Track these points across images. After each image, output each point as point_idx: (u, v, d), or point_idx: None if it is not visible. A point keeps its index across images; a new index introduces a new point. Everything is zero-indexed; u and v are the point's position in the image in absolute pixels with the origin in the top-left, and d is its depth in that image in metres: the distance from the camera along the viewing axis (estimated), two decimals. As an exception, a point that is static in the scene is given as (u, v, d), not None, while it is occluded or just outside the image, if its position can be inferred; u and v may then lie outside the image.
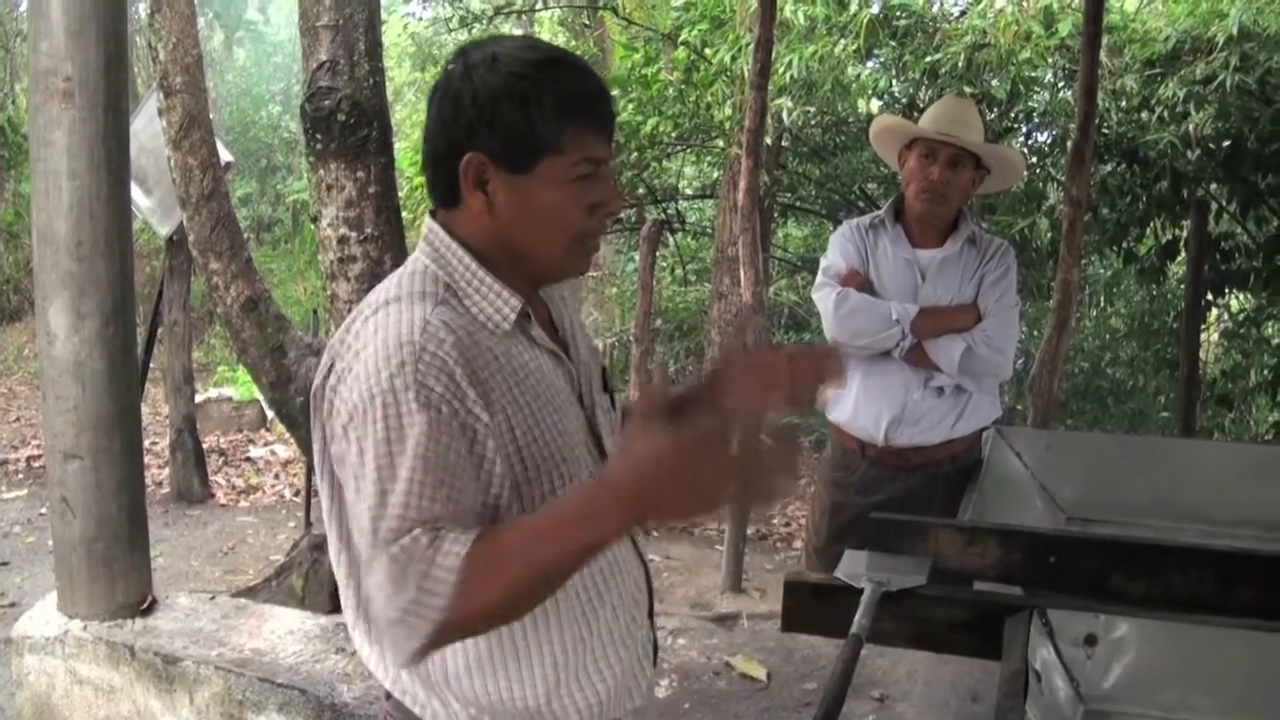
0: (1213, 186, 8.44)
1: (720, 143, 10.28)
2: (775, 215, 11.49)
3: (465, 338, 1.70)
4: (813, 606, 2.52)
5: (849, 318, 3.88)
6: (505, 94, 1.70)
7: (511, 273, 1.80)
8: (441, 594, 1.56)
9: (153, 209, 7.80)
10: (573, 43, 13.56)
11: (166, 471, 8.95)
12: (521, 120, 1.69)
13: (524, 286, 1.83)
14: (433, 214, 1.85)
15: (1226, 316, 9.87)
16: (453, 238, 1.80)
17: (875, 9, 8.69)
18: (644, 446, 1.53)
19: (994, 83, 8.63)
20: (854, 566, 2.61)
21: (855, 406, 3.99)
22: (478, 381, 1.67)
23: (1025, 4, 8.44)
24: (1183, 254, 8.22)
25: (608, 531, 1.59)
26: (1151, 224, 8.65)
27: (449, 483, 1.62)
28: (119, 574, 4.27)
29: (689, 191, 13.14)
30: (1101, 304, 11.54)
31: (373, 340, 1.68)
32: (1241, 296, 9.26)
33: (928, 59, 8.60)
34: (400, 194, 5.10)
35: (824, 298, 3.96)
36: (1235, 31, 7.26)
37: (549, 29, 16.04)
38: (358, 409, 1.64)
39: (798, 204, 12.17)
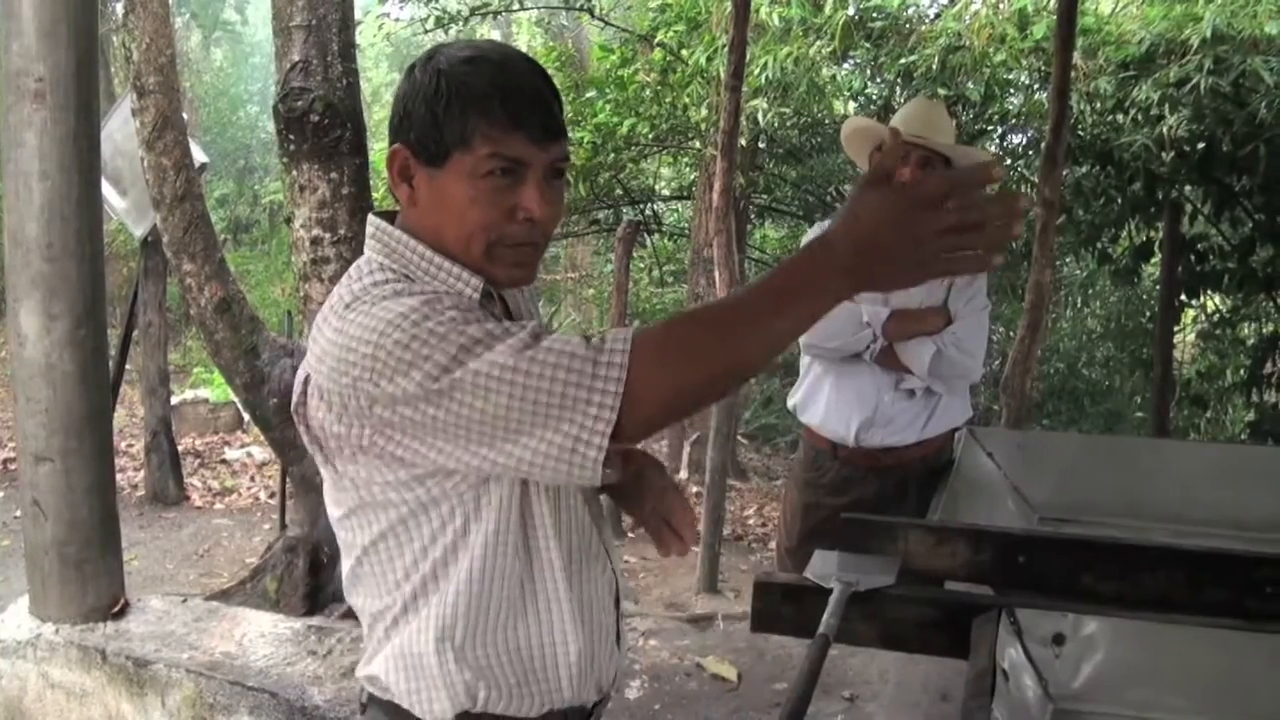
0: (1187, 188, 8.49)
1: (696, 144, 10.30)
2: (752, 216, 11.53)
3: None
4: (782, 607, 2.52)
5: (819, 320, 3.88)
6: (423, 90, 1.71)
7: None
8: (616, 374, 1.53)
9: (128, 210, 7.76)
10: (550, 44, 13.54)
11: (142, 474, 8.91)
12: (429, 113, 1.70)
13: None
14: (373, 213, 1.85)
15: (1202, 317, 9.92)
16: (402, 230, 1.80)
17: (850, 11, 8.71)
18: (865, 208, 1.46)
19: (969, 85, 8.67)
20: (824, 567, 2.62)
21: (826, 408, 4.00)
22: None
23: (1000, 6, 8.48)
24: (1157, 255, 8.26)
25: (827, 301, 1.52)
26: (1126, 226, 8.69)
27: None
28: (90, 577, 4.25)
29: (666, 193, 13.16)
30: (1078, 305, 11.60)
31: (354, 329, 1.65)
32: (1217, 298, 9.31)
33: (903, 61, 8.64)
34: (375, 195, 5.09)
35: (795, 300, 3.96)
36: (1209, 34, 7.31)
37: (526, 30, 16.05)
38: (396, 362, 1.60)
39: (774, 205, 12.21)
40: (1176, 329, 8.78)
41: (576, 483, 1.66)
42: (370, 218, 1.84)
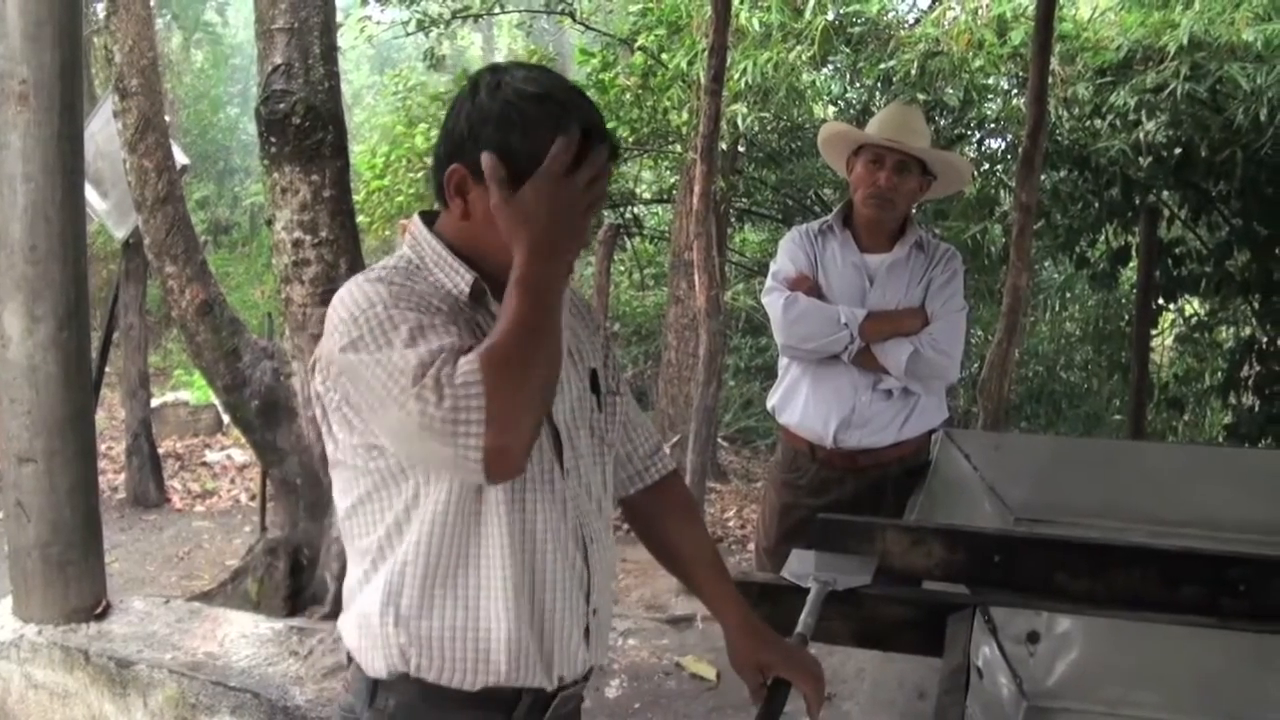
0: (1164, 193, 8.54)
1: (677, 148, 10.31)
2: (732, 220, 11.54)
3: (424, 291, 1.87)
4: (760, 607, 2.53)
5: (797, 322, 3.91)
6: (494, 118, 1.83)
7: (475, 267, 1.93)
8: (475, 391, 1.67)
9: (109, 212, 7.75)
10: (531, 47, 13.55)
11: (123, 476, 8.87)
12: (500, 144, 1.81)
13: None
14: (421, 215, 2.02)
15: (1180, 321, 9.97)
16: (431, 231, 1.97)
17: (830, 16, 8.73)
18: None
19: (947, 90, 8.70)
20: (801, 566, 2.65)
21: (804, 409, 4.02)
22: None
23: (979, 12, 8.51)
24: (1135, 259, 8.31)
25: (545, 291, 1.76)
26: (1103, 230, 8.74)
27: (446, 334, 1.76)
28: (73, 578, 4.26)
29: (646, 196, 13.17)
30: (1056, 309, 11.63)
31: (341, 302, 1.85)
32: (1195, 301, 9.37)
33: (882, 66, 8.67)
34: (356, 198, 5.10)
35: (773, 302, 3.99)
36: (1186, 41, 7.34)
37: (507, 33, 16.07)
38: (344, 332, 1.81)
39: (754, 209, 12.24)
40: (1154, 333, 8.84)
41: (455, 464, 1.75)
42: (415, 216, 2.03)
